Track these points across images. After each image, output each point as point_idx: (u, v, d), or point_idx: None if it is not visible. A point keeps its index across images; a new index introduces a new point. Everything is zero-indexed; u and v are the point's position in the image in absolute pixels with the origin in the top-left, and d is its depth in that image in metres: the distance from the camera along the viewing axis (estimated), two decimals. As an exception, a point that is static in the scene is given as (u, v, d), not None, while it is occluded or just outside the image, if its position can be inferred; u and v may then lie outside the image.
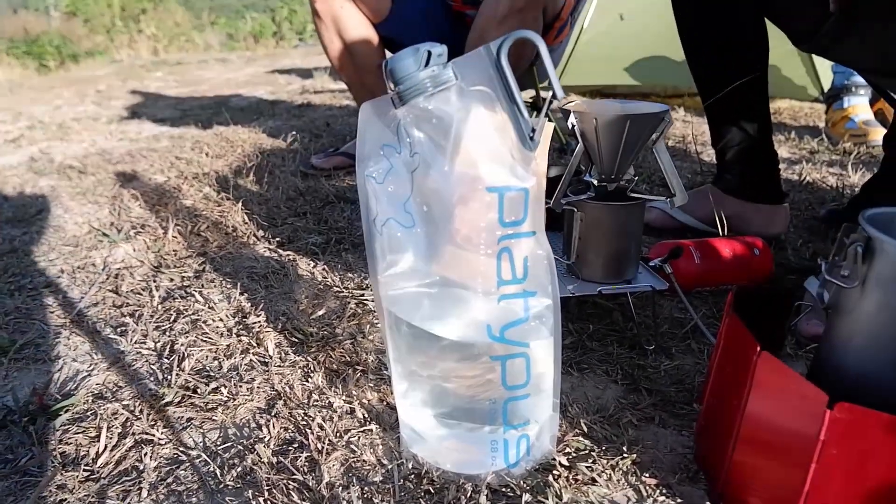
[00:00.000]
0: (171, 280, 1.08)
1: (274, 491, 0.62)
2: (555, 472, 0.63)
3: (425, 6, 1.70)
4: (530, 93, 1.80)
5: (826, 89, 2.16)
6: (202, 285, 1.05)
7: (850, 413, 0.46)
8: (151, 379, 0.81)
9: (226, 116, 2.53)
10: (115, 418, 0.73)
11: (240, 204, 1.42)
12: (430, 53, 0.53)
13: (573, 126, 0.78)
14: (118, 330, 0.93)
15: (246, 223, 1.32)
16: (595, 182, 0.81)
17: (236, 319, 0.94)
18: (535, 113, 0.57)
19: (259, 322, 0.93)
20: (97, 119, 2.72)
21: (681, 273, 0.96)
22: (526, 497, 0.61)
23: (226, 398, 0.76)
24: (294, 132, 2.14)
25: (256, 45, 7.30)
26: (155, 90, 3.67)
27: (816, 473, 0.48)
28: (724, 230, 1.12)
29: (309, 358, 0.84)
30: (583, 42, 2.30)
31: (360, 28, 1.64)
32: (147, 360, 0.85)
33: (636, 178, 0.82)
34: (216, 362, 0.84)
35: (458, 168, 0.55)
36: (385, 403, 0.75)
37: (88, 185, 1.68)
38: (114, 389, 0.79)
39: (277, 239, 1.23)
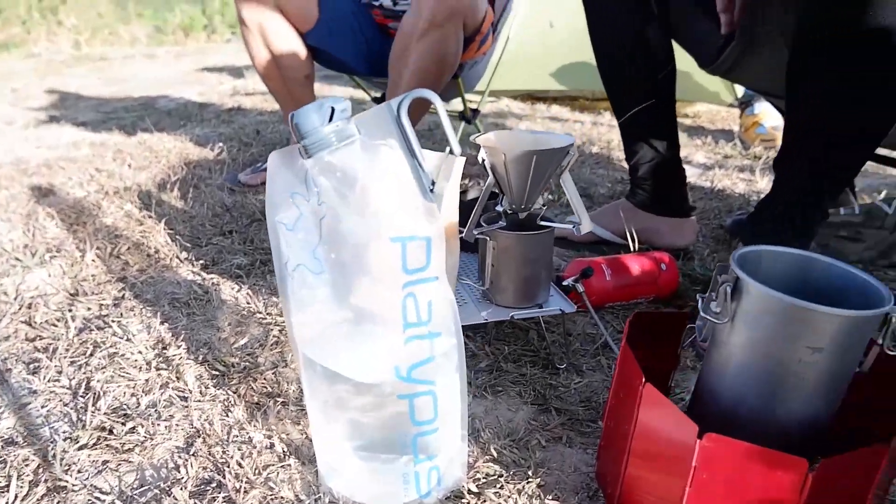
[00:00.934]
0: (89, 309, 1.05)
1: (190, 535, 0.63)
2: (463, 500, 0.66)
3: (351, 16, 1.70)
4: (458, 104, 1.83)
5: (740, 95, 2.28)
6: (121, 314, 1.04)
7: (716, 442, 0.51)
8: (66, 420, 0.80)
9: (151, 121, 2.46)
10: (26, 465, 0.72)
11: (163, 222, 1.39)
12: (333, 109, 0.55)
13: (483, 161, 0.81)
14: (31, 367, 0.90)
15: (169, 244, 1.30)
16: (506, 211, 0.85)
17: (156, 351, 0.93)
18: (462, 122, 0.59)
19: (179, 354, 0.92)
20: (11, 123, 2.59)
21: (592, 291, 1.01)
22: (437, 526, 0.64)
23: (143, 438, 0.76)
24: (222, 141, 2.11)
25: (186, 38, 7.05)
26: (76, 89, 3.51)
27: (691, 495, 0.53)
28: (635, 244, 1.18)
29: (230, 391, 0.84)
30: (511, 49, 2.35)
31: (288, 38, 1.63)
32: (61, 400, 0.83)
33: (545, 206, 0.86)
34: (134, 399, 0.83)
35: (363, 219, 0.58)
36: (305, 436, 0.77)
37: (1, 200, 1.61)
38: (25, 434, 0.78)
39: (201, 261, 1.22)
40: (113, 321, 1.01)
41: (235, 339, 0.96)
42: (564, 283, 0.97)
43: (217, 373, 0.88)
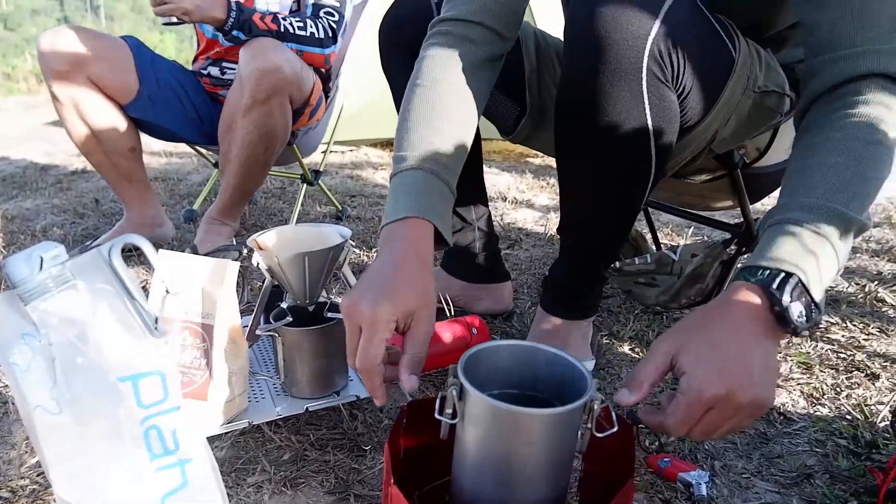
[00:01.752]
0: None
1: None
2: None
3: (177, 85, 1.68)
4: (297, 168, 1.84)
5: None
6: None
7: None
8: None
9: (-21, 195, 2.29)
10: None
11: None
12: (42, 259, 0.55)
13: (258, 264, 0.83)
14: None
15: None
16: (291, 307, 0.87)
17: (-67, 482, 0.87)
18: (304, 184, 0.60)
19: (-40, 482, 0.87)
20: None
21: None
22: None
23: None
24: (55, 214, 2.00)
25: (40, 85, 6.65)
26: None
27: None
28: (451, 311, 1.23)
29: (10, 521, 0.80)
30: (372, 98, 2.43)
31: (105, 112, 1.58)
32: None
33: (329, 299, 0.89)
34: None
35: (90, 359, 0.58)
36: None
37: None
38: None
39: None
40: None
41: (26, 457, 0.92)
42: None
43: (2, 500, 0.83)
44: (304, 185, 1.85)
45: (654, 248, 1.57)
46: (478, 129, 1.21)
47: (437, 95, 0.85)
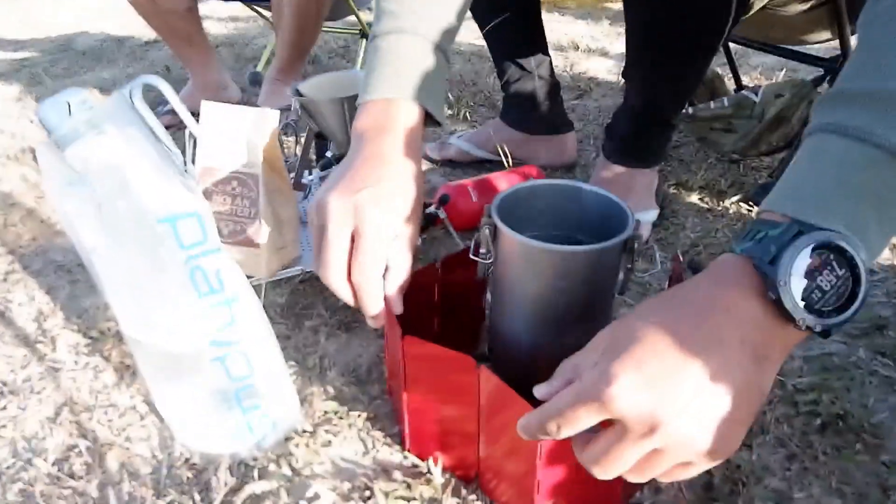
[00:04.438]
0: (-24, 287, 1.08)
1: (49, 501, 0.69)
2: (293, 440, 0.73)
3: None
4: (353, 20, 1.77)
5: None
6: (8, 289, 1.07)
7: (412, 345, 0.58)
8: (-56, 403, 0.85)
9: (63, 66, 2.37)
10: None
11: (57, 185, 1.39)
12: (69, 104, 0.56)
13: (298, 110, 0.81)
14: (-84, 353, 0.95)
15: (62, 207, 1.31)
16: (335, 156, 0.86)
17: (36, 324, 0.97)
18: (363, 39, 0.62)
19: (57, 324, 0.96)
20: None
21: (458, 213, 1.04)
22: (271, 467, 0.70)
23: (15, 413, 0.82)
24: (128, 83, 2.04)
25: (113, -42, 6.62)
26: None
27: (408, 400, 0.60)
28: (509, 162, 1.19)
29: (101, 357, 0.89)
30: None
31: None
32: (-58, 383, 0.88)
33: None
34: (12, 375, 0.88)
35: (130, 204, 0.59)
36: (165, 393, 0.82)
37: None
38: None
39: (90, 223, 1.24)
40: (-2, 297, 1.04)
41: (112, 303, 1.00)
42: (426, 211, 1.00)
43: (91, 339, 0.92)
44: (363, 39, 1.78)
45: (733, 91, 1.42)
46: None
47: None
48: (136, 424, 0.78)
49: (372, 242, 0.56)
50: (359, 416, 0.75)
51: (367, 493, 0.67)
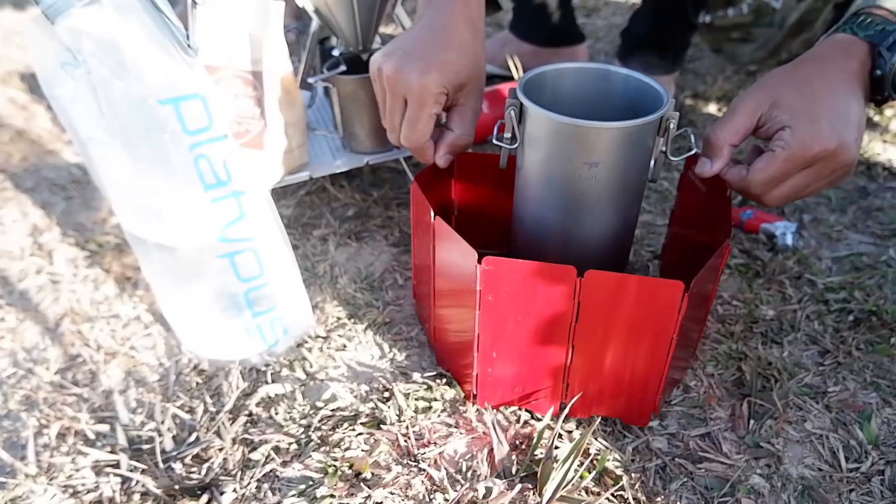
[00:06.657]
0: (-34, 206, 1.04)
1: (52, 407, 0.67)
2: (307, 344, 0.70)
3: None
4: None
5: None
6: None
7: (494, 264, 0.53)
8: (-60, 316, 0.82)
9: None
10: None
11: (46, 105, 1.33)
12: (58, -31, 0.50)
13: (303, 5, 0.76)
14: None
15: (52, 129, 1.25)
16: (344, 54, 0.81)
17: (32, 239, 0.93)
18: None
19: (54, 238, 0.93)
20: None
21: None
22: (284, 371, 0.68)
23: (13, 325, 0.79)
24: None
25: None
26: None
27: (481, 318, 0.56)
28: (520, 74, 1.14)
29: (101, 269, 0.86)
30: None
31: None
32: (-64, 298, 0.85)
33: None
34: (8, 288, 0.85)
35: (128, 83, 0.55)
36: (170, 303, 0.79)
37: None
38: None
39: (81, 142, 1.18)
40: (-11, 215, 1.00)
41: (110, 217, 0.96)
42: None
43: (90, 252, 0.89)
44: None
45: None
46: None
47: None
48: (140, 334, 0.75)
49: (418, 109, 0.58)
50: (374, 321, 0.72)
51: (387, 394, 0.65)
